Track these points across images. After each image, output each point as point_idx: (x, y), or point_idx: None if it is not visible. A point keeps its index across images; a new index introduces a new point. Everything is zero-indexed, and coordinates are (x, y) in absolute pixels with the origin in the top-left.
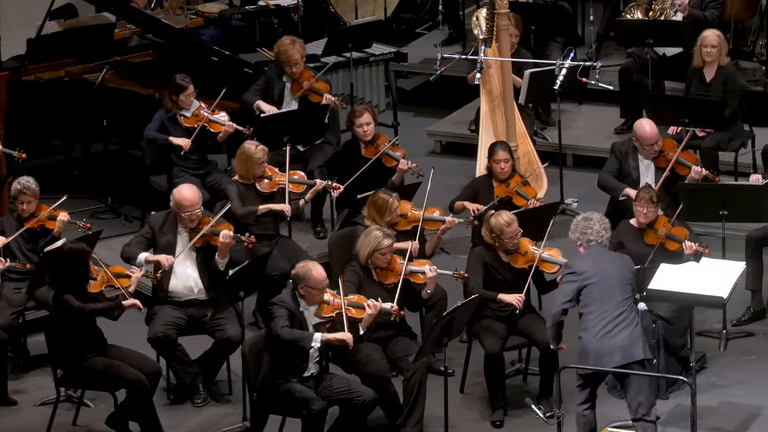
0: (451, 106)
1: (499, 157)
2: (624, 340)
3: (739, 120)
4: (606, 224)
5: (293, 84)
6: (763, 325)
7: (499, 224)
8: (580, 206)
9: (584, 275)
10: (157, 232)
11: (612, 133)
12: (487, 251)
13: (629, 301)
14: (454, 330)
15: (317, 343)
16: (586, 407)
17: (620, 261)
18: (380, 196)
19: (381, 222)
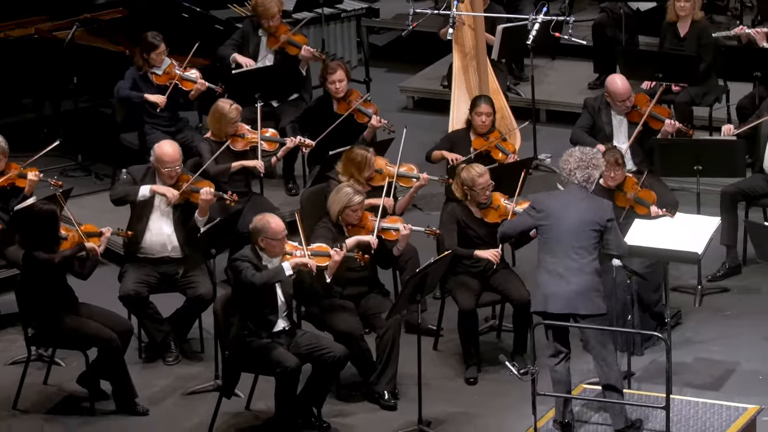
0: (424, 61)
1: (481, 110)
2: (571, 290)
3: (713, 75)
4: (586, 162)
5: (269, 38)
6: (738, 281)
7: (471, 176)
8: (553, 162)
9: (541, 214)
10: (138, 183)
11: (585, 88)
12: (460, 207)
13: (589, 250)
14: (427, 286)
15: (289, 270)
16: (556, 361)
17: (590, 206)
18: (357, 152)
19: (359, 177)
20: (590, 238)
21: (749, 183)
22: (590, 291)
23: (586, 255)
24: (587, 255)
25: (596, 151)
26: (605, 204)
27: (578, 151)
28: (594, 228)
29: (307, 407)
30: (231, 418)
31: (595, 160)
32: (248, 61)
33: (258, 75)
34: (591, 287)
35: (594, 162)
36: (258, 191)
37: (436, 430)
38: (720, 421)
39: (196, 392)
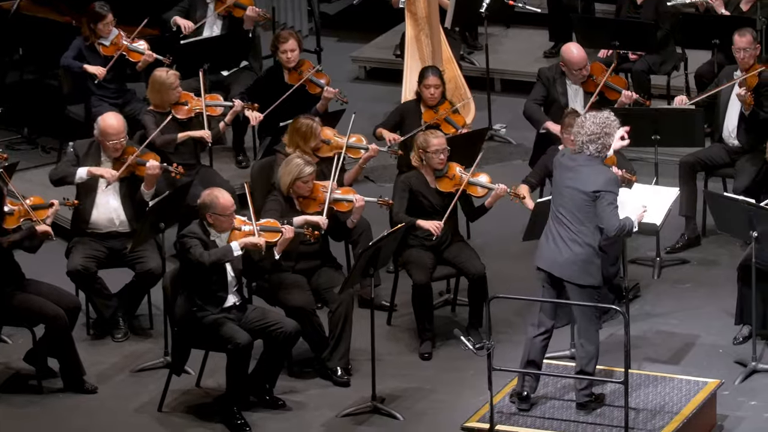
0: (376, 30)
1: (429, 81)
2: (565, 259)
3: (671, 42)
4: (598, 133)
5: (216, 2)
6: (697, 252)
7: (426, 137)
8: (508, 132)
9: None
10: (81, 159)
11: (541, 56)
12: (415, 176)
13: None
14: (380, 260)
15: (237, 251)
16: (536, 333)
17: (588, 175)
18: (303, 121)
19: (305, 148)
20: (583, 208)
21: (708, 153)
22: (582, 262)
23: (581, 225)
24: (582, 225)
25: (607, 115)
26: (605, 175)
27: (589, 121)
28: (585, 197)
29: (259, 384)
30: (181, 396)
31: (607, 127)
32: (188, 23)
33: (206, 45)
34: (583, 258)
35: (606, 130)
36: (207, 164)
37: (390, 406)
38: (680, 395)
39: (145, 369)
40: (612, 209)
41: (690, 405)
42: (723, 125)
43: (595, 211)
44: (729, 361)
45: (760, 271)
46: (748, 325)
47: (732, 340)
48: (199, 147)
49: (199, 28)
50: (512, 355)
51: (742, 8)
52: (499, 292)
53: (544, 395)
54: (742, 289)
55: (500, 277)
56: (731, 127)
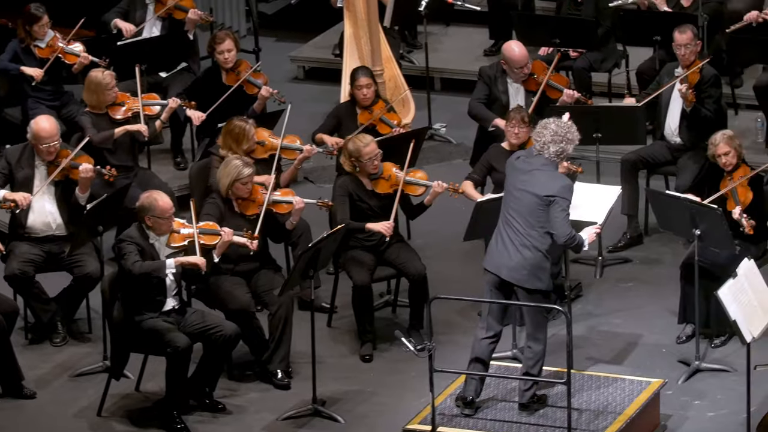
0: (314, 30)
1: (360, 83)
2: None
3: (612, 39)
4: (561, 136)
5: (156, 4)
6: (639, 251)
7: (357, 147)
8: (448, 131)
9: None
10: (14, 166)
11: (481, 55)
12: (351, 180)
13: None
14: (320, 262)
15: (172, 269)
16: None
17: (542, 178)
18: (236, 123)
19: (238, 150)
20: (536, 212)
21: (650, 150)
22: (532, 267)
23: (532, 229)
24: (532, 229)
25: (571, 123)
26: (560, 181)
27: (553, 124)
28: (539, 201)
29: (199, 387)
30: (120, 400)
31: (570, 134)
32: (129, 26)
33: (143, 46)
34: (533, 263)
35: (569, 136)
36: (145, 166)
37: (331, 409)
38: (623, 395)
39: (84, 374)
40: (565, 216)
41: (633, 405)
42: (665, 123)
43: (547, 216)
44: (672, 360)
45: (703, 269)
46: (691, 324)
47: (675, 339)
48: (136, 149)
49: (138, 32)
50: (454, 356)
51: (683, 4)
52: (440, 293)
53: (486, 396)
54: (685, 288)
55: (441, 278)
56: (673, 124)
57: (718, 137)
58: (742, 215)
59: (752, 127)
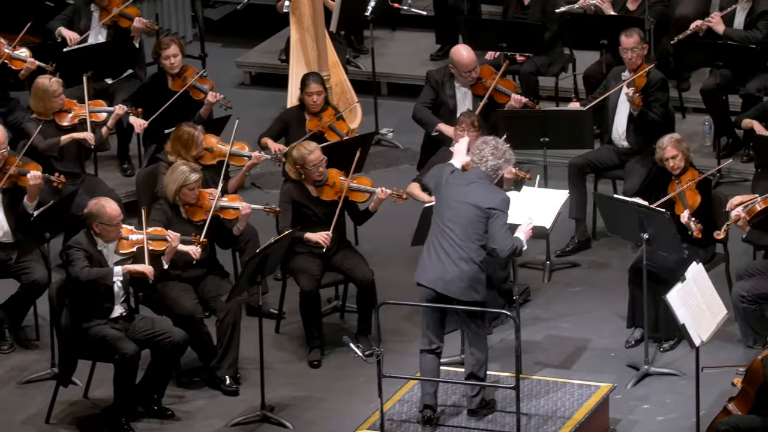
0: (261, 35)
1: (311, 89)
2: (451, 276)
3: (559, 43)
4: (500, 153)
5: (101, 12)
6: (588, 255)
7: (301, 154)
8: (395, 136)
9: (437, 183)
10: None
11: (428, 59)
12: (295, 187)
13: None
14: (267, 267)
15: (119, 276)
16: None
17: (480, 191)
18: (184, 129)
19: (187, 156)
20: (474, 224)
21: (598, 154)
22: (469, 279)
23: (469, 242)
24: (470, 242)
25: (508, 146)
26: (500, 195)
27: (494, 140)
28: (479, 214)
29: (148, 394)
30: (69, 407)
31: (507, 154)
32: (73, 35)
33: (90, 52)
34: (470, 275)
35: (507, 155)
36: (92, 172)
37: (280, 415)
38: (572, 400)
39: (32, 381)
40: (506, 230)
41: (582, 410)
42: (612, 127)
43: (484, 228)
44: (621, 364)
45: (651, 273)
46: (640, 328)
47: (624, 344)
48: (83, 155)
49: (82, 40)
50: (402, 361)
51: (629, 8)
52: (388, 299)
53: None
54: (634, 292)
55: (389, 283)
56: (620, 128)
57: (666, 141)
58: (691, 219)
59: (699, 131)
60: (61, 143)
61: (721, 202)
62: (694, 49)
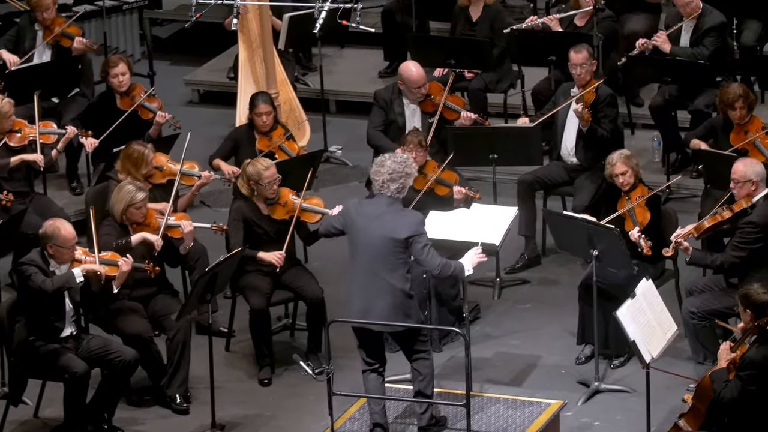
0: (209, 53)
1: (260, 109)
2: (381, 310)
3: (507, 60)
4: (400, 172)
5: (45, 31)
6: (537, 272)
7: (257, 170)
8: (344, 153)
9: (347, 222)
10: None
11: (376, 77)
12: (247, 205)
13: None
14: (217, 286)
15: (80, 277)
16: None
17: (395, 220)
18: (135, 148)
19: (137, 175)
20: (394, 254)
21: (547, 171)
22: (399, 309)
23: (392, 272)
24: (393, 272)
25: (407, 157)
26: (412, 219)
27: (390, 161)
28: (396, 244)
29: (98, 413)
30: (19, 426)
31: (408, 168)
32: (13, 58)
33: (37, 71)
34: (400, 304)
35: (407, 170)
36: (41, 191)
37: None
38: (523, 417)
39: None
40: (428, 250)
41: (533, 426)
42: (561, 143)
43: (405, 254)
44: (572, 381)
45: (601, 289)
46: (590, 345)
47: (574, 360)
48: (32, 174)
49: (27, 60)
50: (352, 379)
51: (576, 24)
52: (338, 316)
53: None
54: (584, 309)
55: (338, 301)
56: (569, 144)
57: (615, 157)
58: (641, 236)
59: (649, 147)
60: (11, 165)
61: (670, 218)
62: (642, 65)
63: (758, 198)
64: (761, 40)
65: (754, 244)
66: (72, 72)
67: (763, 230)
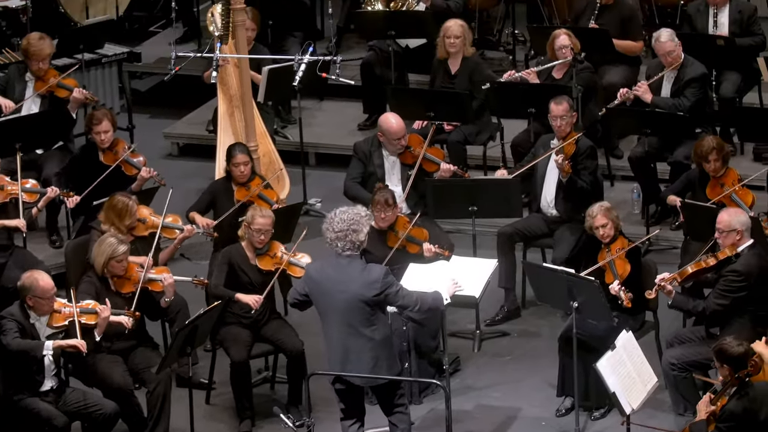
0: (188, 106)
1: (237, 160)
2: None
3: (486, 112)
4: (345, 231)
5: (37, 81)
6: (517, 324)
7: (254, 214)
8: (324, 206)
9: (312, 289)
10: None
11: (355, 129)
12: (236, 250)
13: (364, 323)
14: (197, 338)
15: (49, 351)
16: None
17: (357, 279)
18: (119, 198)
19: (120, 226)
20: (366, 312)
21: (526, 223)
22: (383, 361)
23: (369, 326)
24: (370, 326)
25: (356, 211)
26: (375, 276)
27: (338, 218)
28: (367, 303)
29: None
30: None
31: (354, 224)
32: (8, 102)
33: (20, 123)
34: (383, 357)
35: (354, 227)
36: (21, 244)
37: None
38: None
39: None
40: (402, 292)
41: None
42: (541, 195)
43: (379, 306)
44: None
45: (581, 341)
46: (570, 397)
47: (555, 412)
48: (12, 228)
49: (15, 111)
50: (333, 431)
51: (554, 76)
52: (318, 369)
53: None
54: (564, 361)
55: (318, 354)
56: (549, 196)
57: (596, 209)
58: (621, 288)
59: (628, 199)
60: None
61: (650, 270)
62: (622, 117)
63: (743, 247)
64: (740, 91)
65: (737, 293)
66: (63, 123)
67: (747, 279)
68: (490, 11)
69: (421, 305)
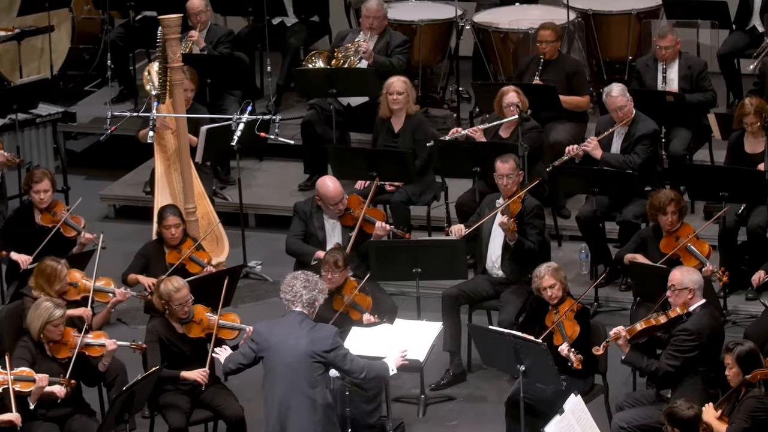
0: (125, 167)
1: (169, 222)
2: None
3: (430, 172)
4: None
5: None
6: (463, 388)
7: (168, 289)
8: (264, 269)
9: (260, 346)
10: None
11: (296, 189)
12: (161, 324)
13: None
14: (135, 405)
15: None
16: None
17: (310, 336)
18: (48, 263)
19: (50, 291)
20: (313, 370)
21: (472, 285)
22: (324, 424)
23: (313, 388)
24: (314, 388)
25: (317, 279)
26: (326, 333)
27: (302, 278)
28: (315, 359)
29: None
30: None
31: (320, 284)
32: None
33: None
34: (322, 421)
35: (320, 286)
36: None
37: None
38: None
39: None
40: (349, 356)
41: None
42: (486, 255)
43: (324, 371)
44: None
45: (528, 405)
46: None
47: None
48: None
49: None
50: None
51: (501, 135)
52: None
53: None
54: (511, 426)
55: (259, 420)
56: (494, 256)
57: (543, 270)
58: (570, 350)
59: (576, 259)
60: None
61: (599, 331)
62: (569, 175)
63: (695, 306)
64: (690, 149)
65: (688, 353)
66: None
67: (699, 339)
68: (434, 68)
69: (367, 373)
